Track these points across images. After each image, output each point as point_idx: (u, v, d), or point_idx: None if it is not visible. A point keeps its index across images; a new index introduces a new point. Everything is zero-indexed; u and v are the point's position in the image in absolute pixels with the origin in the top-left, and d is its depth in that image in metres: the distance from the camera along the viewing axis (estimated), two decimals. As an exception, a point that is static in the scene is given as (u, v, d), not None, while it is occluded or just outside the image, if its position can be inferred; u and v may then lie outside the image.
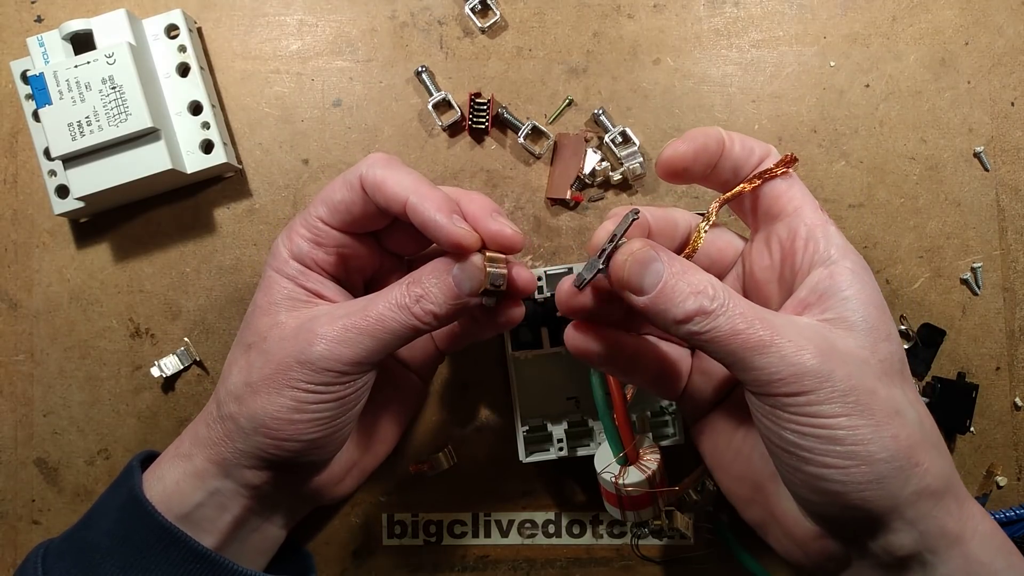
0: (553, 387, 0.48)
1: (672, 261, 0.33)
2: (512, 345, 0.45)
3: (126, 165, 0.45)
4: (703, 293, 0.32)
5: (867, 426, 0.30)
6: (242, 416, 0.36)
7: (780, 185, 0.36)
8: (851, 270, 0.33)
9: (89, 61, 0.44)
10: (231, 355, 0.39)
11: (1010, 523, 0.47)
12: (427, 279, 0.36)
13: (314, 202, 0.38)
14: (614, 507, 0.42)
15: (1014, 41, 0.49)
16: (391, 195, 0.36)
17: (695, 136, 0.36)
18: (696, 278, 0.32)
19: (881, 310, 0.33)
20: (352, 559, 0.49)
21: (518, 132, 0.49)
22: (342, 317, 0.36)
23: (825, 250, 0.34)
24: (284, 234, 0.39)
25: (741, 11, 0.50)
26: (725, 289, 0.32)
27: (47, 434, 0.50)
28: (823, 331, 0.32)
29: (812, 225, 0.35)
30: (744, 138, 0.36)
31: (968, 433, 0.49)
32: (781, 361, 0.30)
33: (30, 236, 0.50)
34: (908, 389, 0.33)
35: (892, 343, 0.33)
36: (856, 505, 0.31)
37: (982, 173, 0.49)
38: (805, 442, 0.31)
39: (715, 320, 0.31)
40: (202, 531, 0.38)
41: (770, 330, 0.31)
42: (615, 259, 0.34)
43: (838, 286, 0.33)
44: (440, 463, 0.49)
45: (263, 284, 0.39)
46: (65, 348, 0.50)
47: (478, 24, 0.50)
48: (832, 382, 0.30)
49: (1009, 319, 0.49)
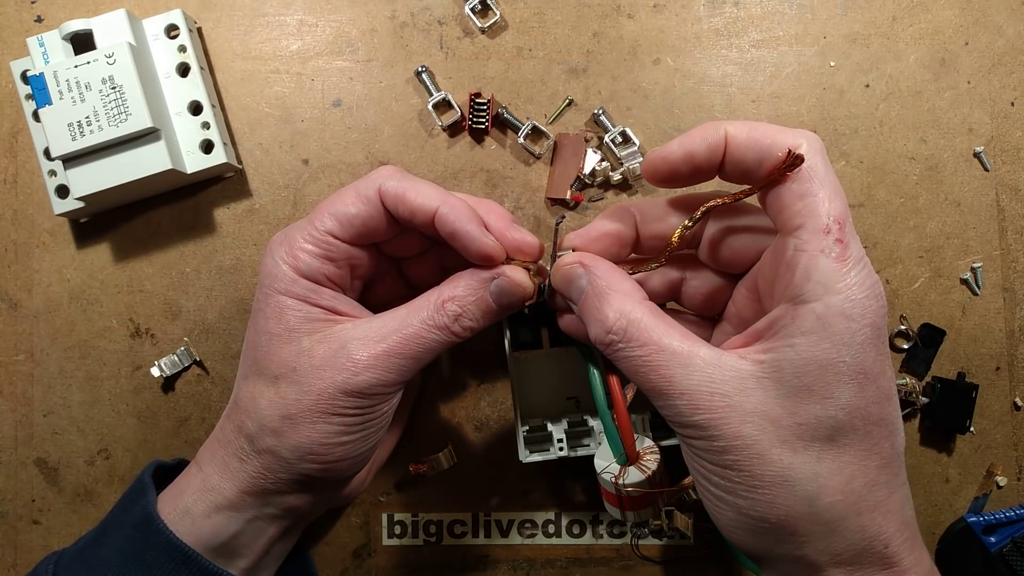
0: (553, 387, 0.48)
1: (596, 279, 0.33)
2: (512, 345, 0.45)
3: (126, 165, 0.45)
4: (602, 323, 0.32)
5: (743, 486, 0.30)
6: (284, 448, 0.36)
7: (786, 195, 0.30)
8: (818, 316, 0.29)
9: (89, 61, 0.44)
10: (251, 385, 0.37)
11: (1010, 523, 0.47)
12: (463, 296, 0.36)
13: (318, 215, 0.36)
14: (614, 507, 0.42)
15: (1014, 41, 0.49)
16: (417, 206, 0.35)
17: (684, 142, 0.33)
18: (604, 304, 0.33)
19: (829, 371, 0.29)
20: (352, 559, 0.49)
21: (518, 132, 0.49)
22: (379, 342, 0.35)
23: (799, 284, 0.29)
24: (281, 251, 0.36)
25: (741, 11, 0.50)
26: (634, 321, 0.32)
27: (47, 434, 0.50)
28: (740, 378, 0.30)
29: (801, 251, 0.30)
30: (756, 136, 0.31)
31: (968, 433, 0.49)
32: (670, 409, 0.31)
33: (30, 236, 0.50)
34: (831, 460, 0.29)
35: (830, 408, 0.29)
36: (734, 539, 0.32)
37: (982, 173, 0.49)
38: (698, 469, 0.32)
39: (614, 352, 0.32)
40: (238, 556, 0.38)
41: (667, 379, 0.31)
42: (552, 271, 0.36)
43: (791, 330, 0.29)
44: (440, 463, 0.49)
45: (270, 309, 0.36)
46: (65, 348, 0.50)
47: (478, 24, 0.50)
48: (714, 439, 0.30)
49: (1009, 319, 0.49)
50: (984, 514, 0.48)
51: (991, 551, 0.47)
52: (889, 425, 0.31)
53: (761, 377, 0.30)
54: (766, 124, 0.31)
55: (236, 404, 0.38)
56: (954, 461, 0.49)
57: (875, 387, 0.30)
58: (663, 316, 0.33)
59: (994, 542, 0.47)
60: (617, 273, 0.35)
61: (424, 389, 0.50)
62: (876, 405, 0.30)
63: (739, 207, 0.36)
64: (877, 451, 0.30)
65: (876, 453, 0.30)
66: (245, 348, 0.38)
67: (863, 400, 0.29)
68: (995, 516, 0.48)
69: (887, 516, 0.30)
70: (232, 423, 0.38)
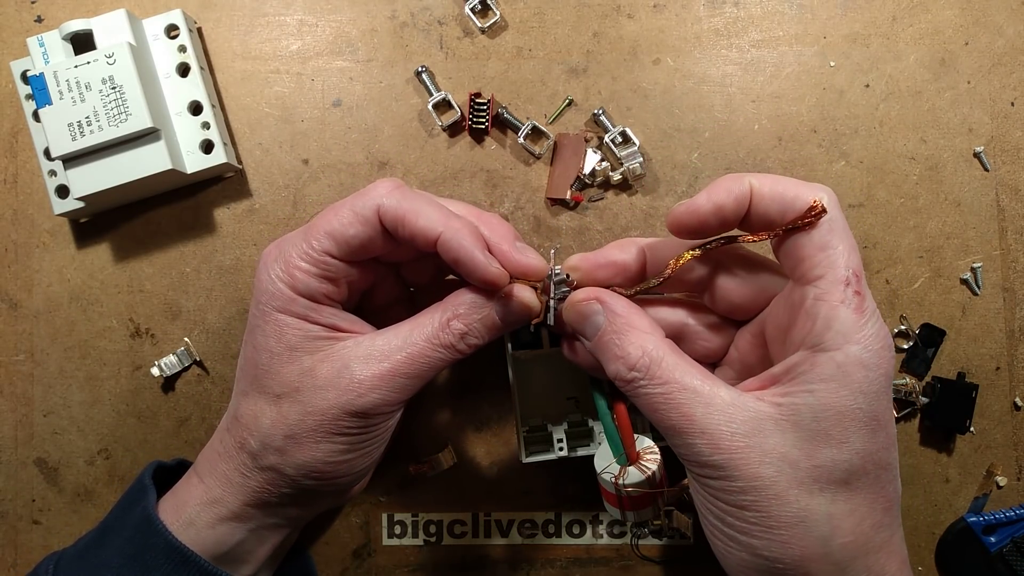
0: (553, 387, 0.48)
1: (615, 316, 0.33)
2: (512, 345, 0.45)
3: (126, 165, 0.45)
4: (624, 360, 0.32)
5: (759, 527, 0.30)
6: (288, 466, 0.36)
7: (806, 246, 0.31)
8: (838, 364, 0.30)
9: (89, 61, 0.44)
10: (252, 403, 0.37)
11: (1010, 523, 0.47)
12: (469, 314, 0.36)
13: (314, 233, 0.35)
14: (614, 507, 0.42)
15: (1014, 41, 0.49)
16: (419, 231, 0.34)
17: (711, 195, 0.32)
18: (625, 341, 0.32)
19: (847, 417, 0.30)
20: (352, 559, 0.49)
21: (518, 132, 0.49)
22: (383, 361, 0.35)
23: (819, 333, 0.30)
24: (276, 267, 0.35)
25: (741, 11, 0.50)
26: (656, 359, 0.32)
27: (47, 434, 0.50)
28: (758, 419, 0.30)
29: (821, 300, 0.30)
30: (780, 189, 0.32)
31: (968, 433, 0.49)
32: (687, 448, 0.31)
33: (30, 236, 0.50)
34: (844, 502, 0.30)
35: (846, 452, 0.30)
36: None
37: (982, 173, 0.49)
38: (711, 509, 0.32)
39: (635, 389, 0.32)
40: (242, 563, 0.38)
41: (688, 417, 0.31)
42: (563, 306, 0.36)
43: (810, 376, 0.30)
44: (440, 463, 0.49)
45: (268, 327, 0.36)
46: (65, 348, 0.50)
47: (478, 24, 0.50)
48: (732, 479, 0.30)
49: (1009, 319, 0.49)
50: (984, 514, 0.48)
51: (991, 551, 0.47)
52: (894, 470, 0.32)
53: (780, 420, 0.30)
54: (786, 178, 0.32)
55: (237, 420, 0.37)
56: (954, 461, 0.49)
57: (885, 433, 0.31)
58: (683, 355, 0.33)
59: (994, 542, 0.47)
60: (636, 309, 0.35)
61: (424, 391, 0.50)
62: (885, 450, 0.31)
63: (747, 257, 0.36)
64: (884, 494, 0.31)
65: (883, 496, 0.31)
66: (243, 363, 0.38)
67: (875, 445, 0.30)
68: (995, 516, 0.48)
69: (890, 556, 0.31)
70: (233, 438, 0.37)
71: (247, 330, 0.38)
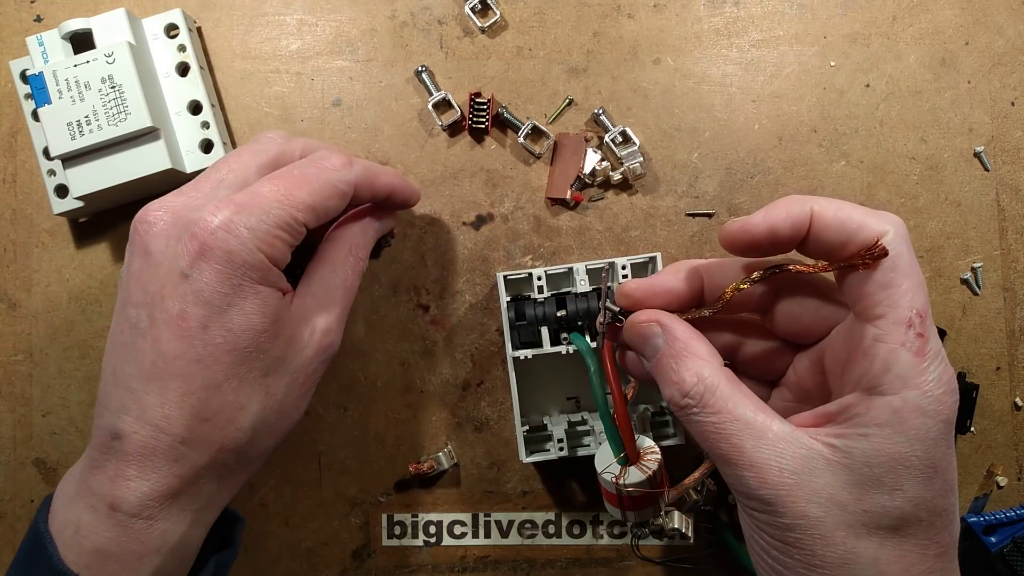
0: (553, 387, 0.48)
1: (674, 340, 0.33)
2: (512, 345, 0.45)
3: (125, 165, 0.45)
4: (679, 386, 0.32)
5: (803, 564, 0.30)
6: (273, 443, 0.37)
7: (868, 283, 0.30)
8: (895, 410, 0.29)
9: (88, 60, 0.44)
10: (230, 394, 0.33)
11: (1010, 523, 0.47)
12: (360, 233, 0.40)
13: (293, 202, 0.34)
14: (614, 507, 0.42)
15: (1014, 41, 0.49)
16: (382, 189, 0.39)
17: (768, 216, 0.31)
18: (682, 367, 0.32)
19: (901, 464, 0.29)
20: (352, 559, 0.49)
21: (518, 132, 0.49)
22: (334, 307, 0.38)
23: (877, 375, 0.29)
24: (248, 235, 0.33)
25: (741, 11, 0.50)
26: (711, 387, 0.31)
27: (46, 434, 0.49)
28: (810, 457, 0.30)
29: (881, 341, 0.29)
30: (843, 217, 0.30)
31: (968, 433, 0.49)
32: (736, 480, 0.31)
33: (29, 236, 0.50)
34: (893, 547, 0.29)
35: (898, 499, 0.29)
36: None
37: (982, 173, 0.49)
38: (757, 540, 0.32)
39: (687, 415, 0.32)
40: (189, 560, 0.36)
41: (737, 449, 0.30)
42: (625, 325, 0.36)
43: (865, 419, 0.29)
44: (440, 463, 0.49)
45: (249, 302, 0.33)
46: (64, 348, 0.50)
47: (478, 24, 0.50)
48: (779, 515, 0.30)
49: (1009, 319, 0.49)
50: (984, 514, 0.48)
51: (991, 551, 0.47)
52: (950, 515, 0.31)
53: (831, 460, 0.30)
54: (852, 205, 0.31)
55: (204, 423, 0.33)
56: (954, 461, 0.49)
57: (942, 480, 0.30)
58: (739, 384, 0.32)
59: (994, 542, 0.47)
60: (694, 335, 0.34)
61: (423, 390, 0.49)
62: (941, 496, 0.30)
63: (811, 281, 0.35)
64: (937, 540, 0.30)
65: (936, 542, 0.30)
66: (197, 356, 0.33)
67: (930, 492, 0.29)
68: (995, 516, 0.48)
69: None
70: (206, 448, 0.33)
71: (191, 311, 0.32)
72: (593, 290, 0.45)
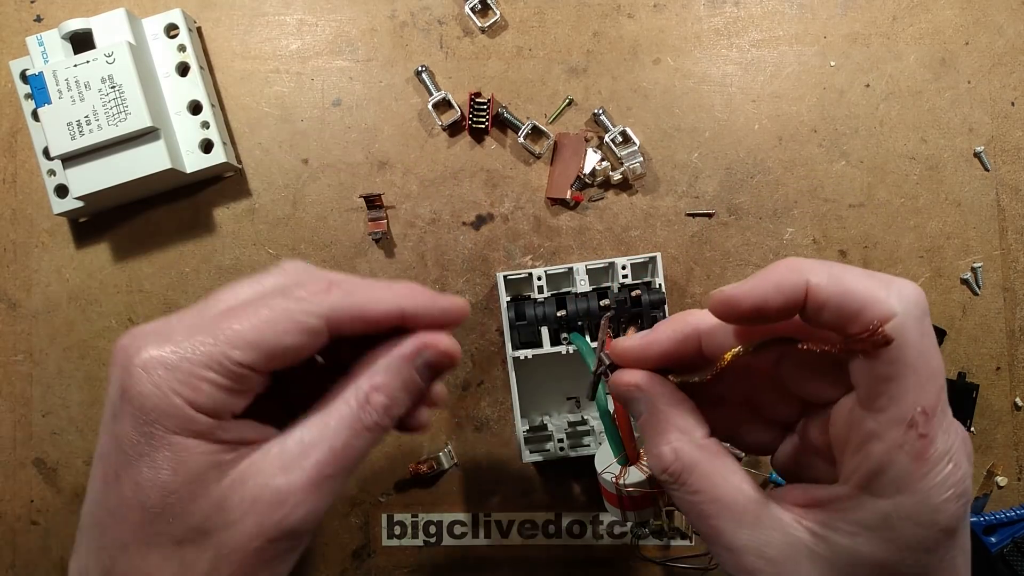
0: (553, 387, 0.48)
1: (654, 411, 0.31)
2: (512, 345, 0.45)
3: (125, 165, 0.45)
4: (657, 460, 0.31)
5: None
6: None
7: (869, 374, 0.26)
8: (884, 516, 0.26)
9: (88, 60, 0.44)
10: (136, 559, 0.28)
11: (1010, 523, 0.47)
12: (389, 383, 0.30)
13: (230, 338, 0.28)
14: (614, 507, 0.42)
15: (1014, 41, 0.49)
16: (377, 318, 0.30)
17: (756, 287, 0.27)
18: (660, 440, 0.31)
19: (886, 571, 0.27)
20: (352, 559, 0.49)
21: (518, 132, 0.49)
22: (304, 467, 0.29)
23: (869, 475, 0.27)
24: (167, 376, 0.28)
25: (741, 11, 0.50)
26: (688, 465, 0.30)
27: (46, 434, 0.49)
28: (792, 546, 0.28)
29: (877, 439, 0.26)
30: (842, 291, 0.26)
31: (968, 433, 0.49)
32: (716, 557, 0.29)
33: (29, 236, 0.50)
34: None
35: None
36: None
37: (982, 173, 0.49)
38: None
39: (668, 488, 0.31)
40: None
41: (716, 531, 0.29)
42: (610, 383, 0.33)
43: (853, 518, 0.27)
44: (440, 463, 0.49)
45: (160, 455, 0.28)
46: (64, 348, 0.49)
47: (478, 24, 0.50)
48: None
49: (1009, 319, 0.49)
50: (984, 514, 0.48)
51: (991, 551, 0.47)
52: None
53: (815, 552, 0.28)
54: (857, 273, 0.26)
55: None
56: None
57: None
58: (723, 459, 0.30)
59: (994, 542, 0.47)
60: (676, 403, 0.32)
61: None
62: None
63: None
64: None
65: None
66: (115, 506, 0.28)
67: None
68: (995, 516, 0.47)
69: None
70: None
71: (112, 454, 0.28)
72: (593, 289, 0.45)
